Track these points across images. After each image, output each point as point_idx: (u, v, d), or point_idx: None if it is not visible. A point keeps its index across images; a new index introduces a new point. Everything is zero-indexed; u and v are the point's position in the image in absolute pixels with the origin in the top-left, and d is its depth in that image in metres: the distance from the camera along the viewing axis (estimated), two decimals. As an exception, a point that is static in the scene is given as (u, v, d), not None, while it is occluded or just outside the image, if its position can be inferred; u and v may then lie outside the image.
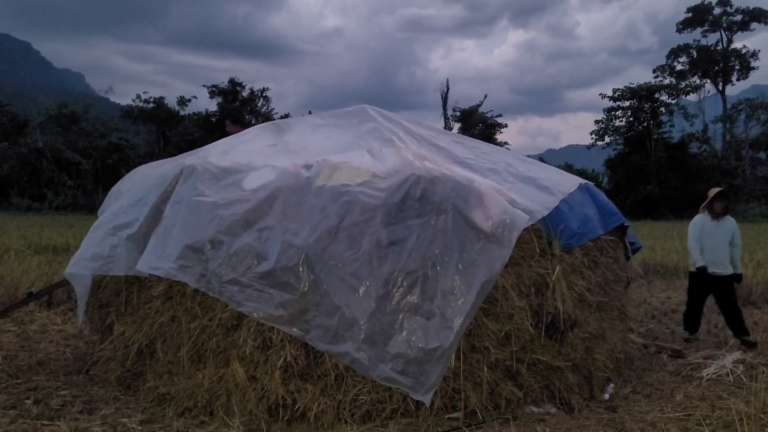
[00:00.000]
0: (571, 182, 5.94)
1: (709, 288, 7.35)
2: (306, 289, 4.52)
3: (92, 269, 5.35)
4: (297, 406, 4.45)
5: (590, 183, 6.24)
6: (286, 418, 4.47)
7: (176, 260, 4.80)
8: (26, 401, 4.97)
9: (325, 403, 4.44)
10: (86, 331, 6.41)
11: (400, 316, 4.46)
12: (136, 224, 5.24)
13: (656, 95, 45.73)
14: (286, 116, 44.78)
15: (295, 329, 4.50)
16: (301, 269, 4.54)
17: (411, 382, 4.38)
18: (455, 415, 4.51)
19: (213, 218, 4.87)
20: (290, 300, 4.51)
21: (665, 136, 46.64)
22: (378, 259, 4.55)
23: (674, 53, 55.69)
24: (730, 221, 7.49)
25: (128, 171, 6.55)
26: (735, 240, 7.37)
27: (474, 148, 6.38)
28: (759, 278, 10.31)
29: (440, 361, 4.36)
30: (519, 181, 5.48)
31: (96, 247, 5.38)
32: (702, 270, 7.21)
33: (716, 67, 53.80)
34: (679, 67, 55.41)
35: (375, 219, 4.65)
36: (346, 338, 4.44)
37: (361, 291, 4.51)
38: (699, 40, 54.93)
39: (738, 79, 54.57)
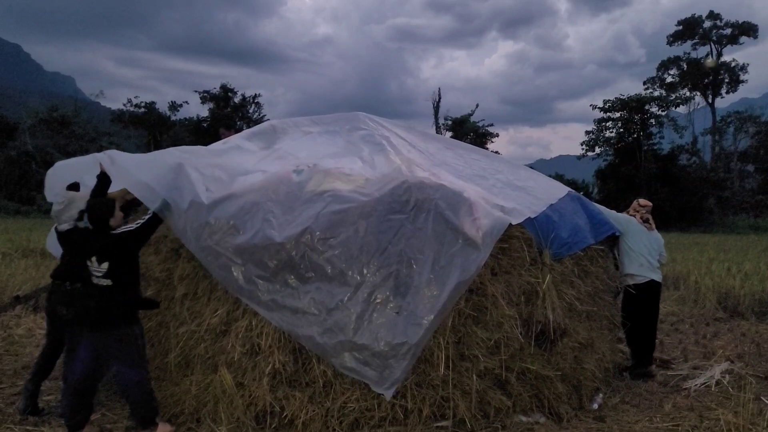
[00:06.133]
0: (559, 190, 5.97)
1: None
2: (278, 268, 4.52)
3: None
4: (285, 414, 4.42)
5: (578, 193, 6.29)
6: (274, 425, 4.44)
7: (166, 192, 4.74)
8: (13, 406, 4.93)
9: (314, 411, 4.41)
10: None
11: (371, 308, 4.46)
12: None
13: (646, 107, 46.03)
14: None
15: (261, 308, 4.52)
16: (276, 249, 4.52)
17: (374, 375, 4.38)
18: (444, 423, 4.50)
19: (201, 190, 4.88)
20: (260, 276, 4.52)
21: (655, 147, 46.91)
22: (355, 249, 4.55)
23: (664, 65, 56.09)
24: None
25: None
26: None
27: (464, 154, 6.40)
28: (746, 290, 10.35)
29: (406, 357, 4.35)
30: (507, 188, 5.50)
31: None
32: None
33: (706, 80, 54.22)
34: (669, 79, 55.83)
35: (356, 209, 4.65)
36: (312, 323, 4.44)
37: (333, 278, 4.51)
38: (689, 53, 55.42)
39: (727, 92, 55.00)
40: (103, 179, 4.61)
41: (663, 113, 46.80)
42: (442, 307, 4.37)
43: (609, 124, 48.12)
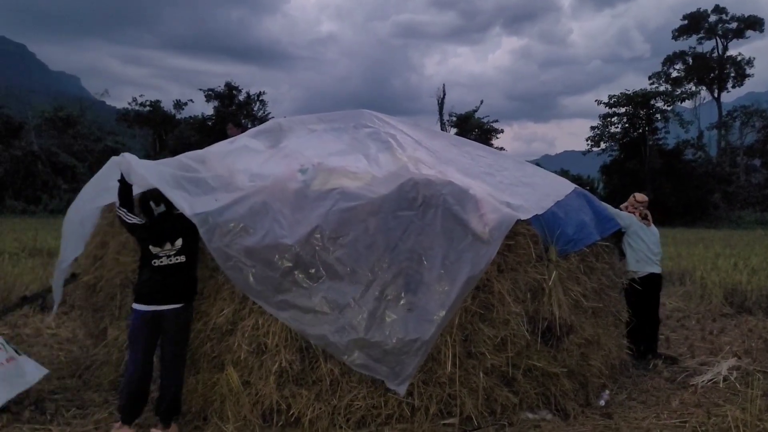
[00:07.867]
0: (565, 186, 5.96)
1: None
2: (288, 268, 4.51)
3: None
4: (291, 412, 4.44)
5: (584, 190, 6.29)
6: (281, 423, 4.46)
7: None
8: (19, 405, 4.94)
9: (320, 409, 4.42)
10: (80, 335, 6.39)
11: (382, 305, 4.45)
12: None
13: (652, 102, 45.85)
14: (283, 121, 44.55)
15: (272, 308, 4.50)
16: (286, 249, 4.51)
17: (386, 371, 4.38)
18: (451, 420, 4.50)
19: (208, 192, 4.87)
20: (270, 278, 4.49)
21: (660, 142, 46.75)
22: (365, 246, 4.55)
23: (670, 60, 55.80)
24: None
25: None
26: None
27: (470, 151, 6.39)
28: (753, 285, 10.29)
29: (418, 354, 4.36)
30: (514, 185, 5.49)
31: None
32: None
33: (712, 74, 53.96)
34: (674, 74, 55.56)
35: (365, 207, 4.65)
36: (324, 322, 4.43)
37: (344, 277, 4.51)
38: (694, 47, 55.12)
39: (733, 86, 54.72)
40: (125, 182, 4.66)
41: (668, 108, 46.62)
42: (453, 303, 4.37)
43: (614, 119, 47.98)
